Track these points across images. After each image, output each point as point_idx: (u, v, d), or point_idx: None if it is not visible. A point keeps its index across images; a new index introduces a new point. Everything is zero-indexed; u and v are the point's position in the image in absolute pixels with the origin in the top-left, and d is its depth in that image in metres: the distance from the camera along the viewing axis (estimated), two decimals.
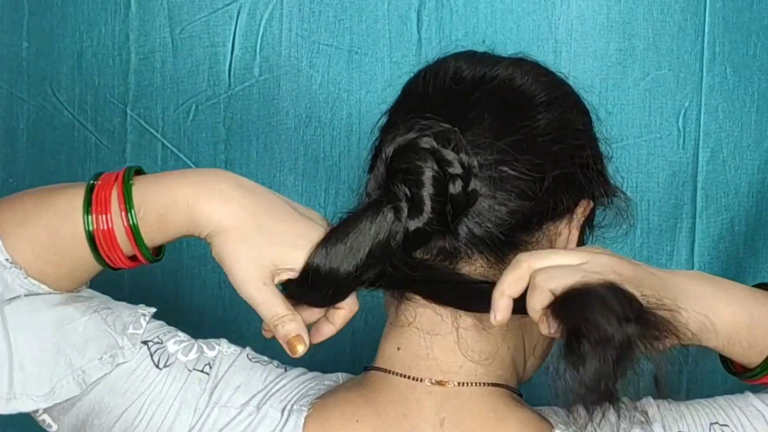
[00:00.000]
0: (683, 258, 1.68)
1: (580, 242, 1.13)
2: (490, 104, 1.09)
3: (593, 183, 1.11)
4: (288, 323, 1.04)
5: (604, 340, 0.94)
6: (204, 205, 1.04)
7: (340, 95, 1.68)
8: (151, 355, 1.08)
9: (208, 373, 1.08)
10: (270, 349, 1.70)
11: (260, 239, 1.04)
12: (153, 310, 1.11)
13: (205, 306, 1.71)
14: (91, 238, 1.05)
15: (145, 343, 1.08)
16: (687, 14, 1.67)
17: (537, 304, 0.99)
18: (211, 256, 1.09)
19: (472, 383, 1.07)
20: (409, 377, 1.08)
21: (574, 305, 0.96)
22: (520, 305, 1.01)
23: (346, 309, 1.09)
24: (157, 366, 1.07)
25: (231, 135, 1.68)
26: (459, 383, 1.07)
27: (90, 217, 1.04)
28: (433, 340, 1.08)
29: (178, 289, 1.69)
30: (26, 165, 1.70)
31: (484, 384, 1.07)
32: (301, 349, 1.05)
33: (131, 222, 1.04)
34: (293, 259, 1.04)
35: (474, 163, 1.05)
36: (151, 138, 1.68)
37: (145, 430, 1.06)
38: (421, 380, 1.07)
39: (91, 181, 1.07)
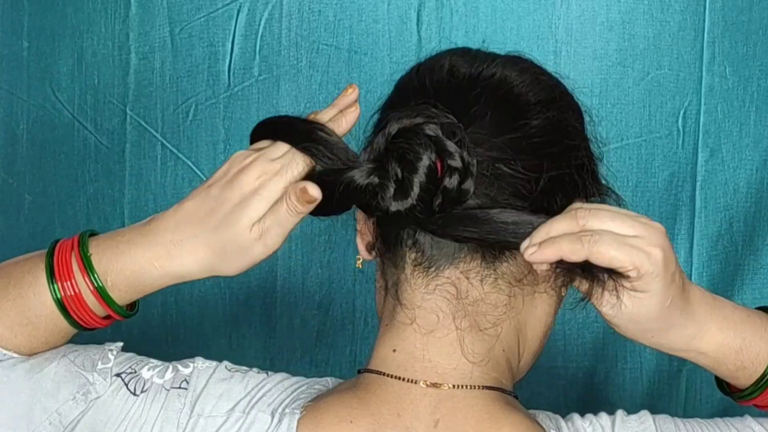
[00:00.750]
0: (682, 257, 1.68)
1: None
2: (490, 101, 1.08)
3: (587, 183, 1.11)
4: (291, 194, 1.04)
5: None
6: (171, 263, 1.07)
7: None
8: (126, 385, 1.09)
9: (186, 388, 1.09)
10: (269, 350, 1.71)
11: (226, 228, 1.05)
12: (120, 344, 1.13)
13: (205, 306, 1.71)
14: (61, 305, 1.08)
15: (118, 375, 1.09)
16: (687, 14, 1.67)
17: (567, 250, 1.00)
18: None
19: (467, 386, 1.07)
20: (403, 379, 1.07)
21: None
22: (562, 264, 1.02)
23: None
24: (134, 393, 1.08)
25: (230, 135, 1.68)
26: (454, 386, 1.07)
27: (56, 285, 1.08)
28: (429, 341, 1.08)
29: (178, 289, 1.69)
30: (26, 165, 1.70)
31: (479, 387, 1.07)
32: (311, 190, 1.03)
33: (96, 285, 1.07)
34: (257, 207, 1.05)
35: (473, 162, 1.04)
36: (151, 138, 1.68)
37: None
38: (416, 382, 1.07)
39: (50, 250, 1.09)
